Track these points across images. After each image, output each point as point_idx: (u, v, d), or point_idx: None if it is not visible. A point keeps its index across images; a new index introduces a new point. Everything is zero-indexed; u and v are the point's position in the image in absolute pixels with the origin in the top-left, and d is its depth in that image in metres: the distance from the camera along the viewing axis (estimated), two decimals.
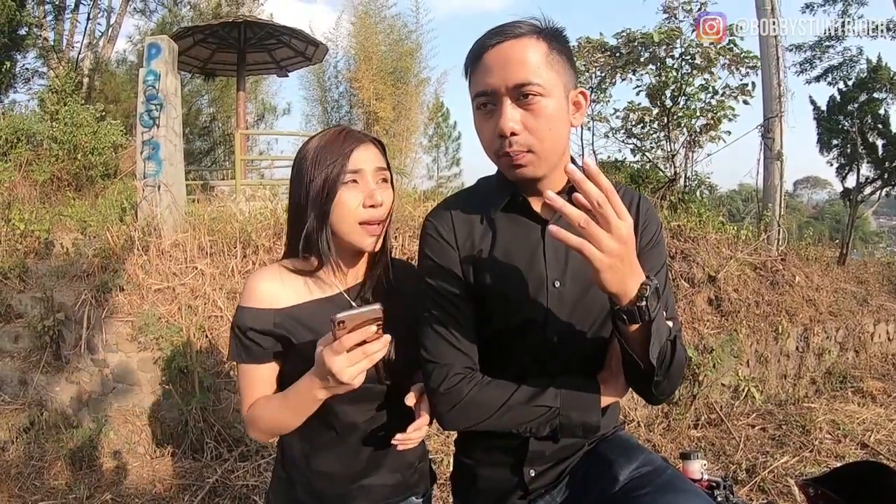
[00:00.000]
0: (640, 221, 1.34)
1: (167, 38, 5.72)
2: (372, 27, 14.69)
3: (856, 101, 12.47)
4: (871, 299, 6.80)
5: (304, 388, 1.24)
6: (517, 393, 1.25)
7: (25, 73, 15.37)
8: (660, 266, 1.33)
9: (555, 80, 1.21)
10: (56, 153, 8.89)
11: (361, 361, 1.14)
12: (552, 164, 1.26)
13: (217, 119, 19.93)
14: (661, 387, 1.19)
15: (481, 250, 1.32)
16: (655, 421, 4.70)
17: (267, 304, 1.37)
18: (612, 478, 1.23)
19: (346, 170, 1.35)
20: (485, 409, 1.25)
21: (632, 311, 1.07)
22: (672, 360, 1.16)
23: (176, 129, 5.60)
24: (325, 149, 1.38)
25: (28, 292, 5.14)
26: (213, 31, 11.34)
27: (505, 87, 1.20)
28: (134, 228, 5.14)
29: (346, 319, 1.09)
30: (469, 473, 1.46)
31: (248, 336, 1.36)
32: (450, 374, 1.27)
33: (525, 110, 1.20)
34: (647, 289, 1.06)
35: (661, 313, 1.11)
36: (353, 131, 1.43)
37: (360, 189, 1.37)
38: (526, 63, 1.19)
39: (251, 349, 1.37)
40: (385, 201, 1.40)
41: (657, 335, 1.10)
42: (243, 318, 1.37)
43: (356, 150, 1.37)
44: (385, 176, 1.42)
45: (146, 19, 17.75)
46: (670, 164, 7.81)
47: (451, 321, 1.30)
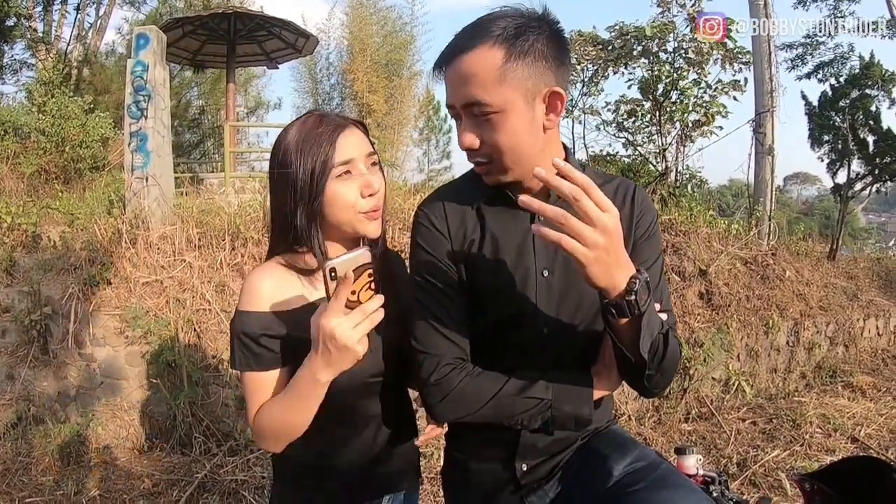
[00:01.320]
0: (636, 212, 1.33)
1: (155, 29, 5.66)
2: (366, 18, 14.65)
3: (847, 98, 12.53)
4: (860, 294, 6.84)
5: (306, 374, 1.16)
6: (508, 384, 1.23)
7: (13, 65, 15.28)
8: (655, 257, 1.32)
9: (509, 94, 1.16)
10: (44, 145, 8.84)
11: (362, 322, 1.09)
12: (522, 170, 1.23)
13: (206, 111, 19.85)
14: (653, 380, 1.18)
15: (472, 241, 1.30)
16: (646, 415, 4.70)
17: (273, 307, 1.29)
18: (607, 473, 1.21)
19: (336, 161, 1.28)
20: (475, 400, 1.23)
21: (620, 305, 1.06)
22: (665, 354, 1.15)
23: (164, 120, 5.55)
24: (309, 139, 1.30)
25: (15, 286, 5.09)
26: (202, 23, 11.27)
27: (459, 104, 1.20)
28: (122, 221, 5.08)
29: (338, 266, 1.04)
30: (460, 468, 1.44)
31: (259, 342, 1.26)
32: (440, 364, 1.25)
33: (483, 125, 1.19)
34: (637, 282, 1.04)
35: (652, 306, 1.09)
36: (331, 116, 1.35)
37: (355, 179, 1.31)
38: (474, 81, 1.16)
39: (262, 356, 1.27)
40: (380, 186, 1.35)
41: (648, 329, 1.08)
42: (250, 323, 1.27)
43: (341, 137, 1.30)
44: (375, 160, 1.37)
45: (135, 10, 17.64)
46: (661, 158, 7.82)
47: (442, 312, 1.28)
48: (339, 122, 1.33)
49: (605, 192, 1.14)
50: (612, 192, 1.32)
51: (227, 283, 4.58)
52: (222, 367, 4.20)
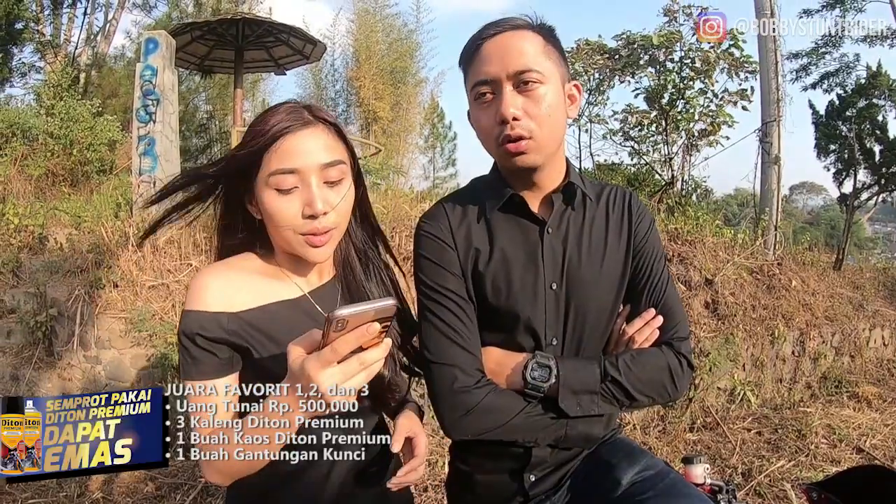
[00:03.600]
0: (634, 218, 1.36)
1: (165, 34, 5.70)
2: (373, 25, 14.70)
3: (854, 107, 12.47)
4: (866, 304, 6.81)
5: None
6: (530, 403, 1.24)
7: (22, 68, 15.33)
8: (655, 257, 1.36)
9: (552, 70, 1.23)
10: (52, 148, 8.87)
11: (358, 375, 0.90)
12: (550, 152, 1.26)
13: (214, 117, 19.88)
14: (644, 405, 1.28)
15: (478, 250, 1.30)
16: (651, 424, 4.68)
17: (218, 307, 1.11)
18: (615, 481, 1.21)
19: (273, 168, 1.11)
20: (499, 416, 1.22)
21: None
22: (631, 390, 1.23)
23: (172, 125, 5.59)
24: (255, 126, 1.14)
25: (21, 287, 5.11)
26: (210, 28, 11.30)
27: (505, 74, 1.21)
28: (129, 224, 5.11)
29: (351, 318, 0.85)
30: (466, 480, 1.41)
31: (197, 344, 1.10)
32: (459, 376, 1.23)
33: (525, 97, 1.21)
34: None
35: (565, 392, 1.21)
36: (299, 111, 1.16)
37: (296, 194, 1.13)
38: (525, 52, 1.21)
39: (202, 362, 1.10)
40: (328, 206, 1.14)
41: (573, 402, 1.22)
42: (189, 323, 1.10)
43: (291, 138, 1.12)
44: (334, 174, 1.15)
45: (145, 14, 17.69)
46: (667, 167, 7.81)
47: (454, 320, 1.27)
48: (298, 119, 1.14)
49: (600, 200, 1.33)
50: (605, 200, 1.36)
51: None
52: None
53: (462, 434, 1.26)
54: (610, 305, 1.33)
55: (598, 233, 1.33)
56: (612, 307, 1.33)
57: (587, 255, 1.30)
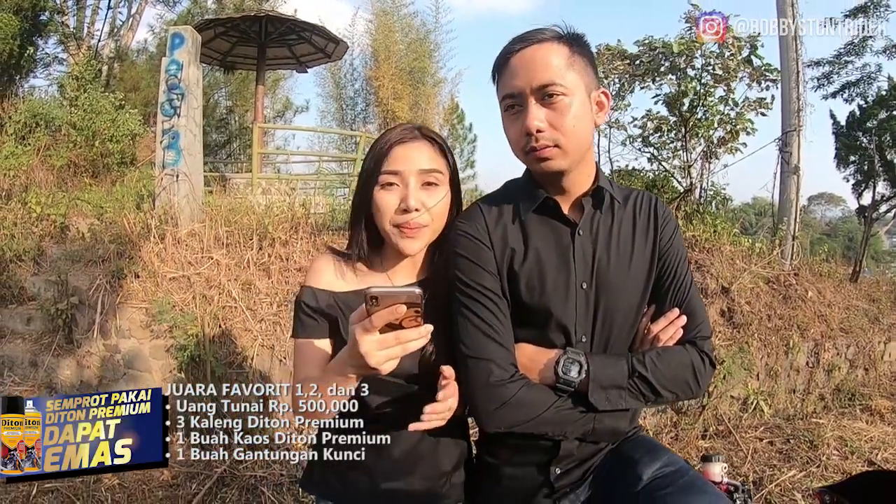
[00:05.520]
0: (660, 222, 1.41)
1: (190, 29, 5.76)
2: (391, 25, 14.72)
3: (875, 118, 12.37)
4: (882, 318, 6.75)
5: (339, 362, 1.21)
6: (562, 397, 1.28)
7: (45, 59, 15.46)
8: (679, 259, 1.40)
9: (576, 81, 1.28)
10: (74, 139, 8.94)
11: (394, 348, 1.08)
12: (577, 158, 1.31)
13: (234, 112, 20.00)
14: (667, 401, 1.32)
15: (514, 250, 1.34)
16: (664, 430, 4.69)
17: (323, 286, 1.43)
18: (636, 476, 1.24)
19: (383, 169, 1.37)
20: (532, 409, 1.27)
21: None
22: (656, 386, 1.27)
23: (196, 119, 5.64)
24: (377, 143, 1.41)
25: (42, 275, 5.18)
26: (234, 25, 11.41)
27: (530, 88, 1.26)
28: (151, 216, 5.17)
29: (380, 296, 1.05)
30: (494, 472, 1.45)
31: (303, 310, 1.41)
32: (494, 370, 1.27)
33: (550, 109, 1.26)
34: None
35: (594, 387, 1.26)
36: (410, 128, 1.43)
37: (397, 191, 1.37)
38: (549, 66, 1.26)
39: (306, 325, 1.41)
40: (422, 204, 1.37)
41: (602, 397, 1.26)
42: (303, 295, 1.43)
43: (399, 147, 1.38)
44: (432, 178, 1.39)
45: (168, 9, 17.83)
46: (686, 174, 7.78)
47: (490, 317, 1.31)
48: (408, 134, 1.41)
49: (627, 204, 1.38)
50: (633, 204, 1.41)
51: (254, 282, 4.63)
52: (246, 363, 4.24)
53: (496, 426, 1.30)
54: (636, 305, 1.37)
55: (626, 235, 1.37)
56: (639, 306, 1.38)
57: (616, 256, 1.34)
